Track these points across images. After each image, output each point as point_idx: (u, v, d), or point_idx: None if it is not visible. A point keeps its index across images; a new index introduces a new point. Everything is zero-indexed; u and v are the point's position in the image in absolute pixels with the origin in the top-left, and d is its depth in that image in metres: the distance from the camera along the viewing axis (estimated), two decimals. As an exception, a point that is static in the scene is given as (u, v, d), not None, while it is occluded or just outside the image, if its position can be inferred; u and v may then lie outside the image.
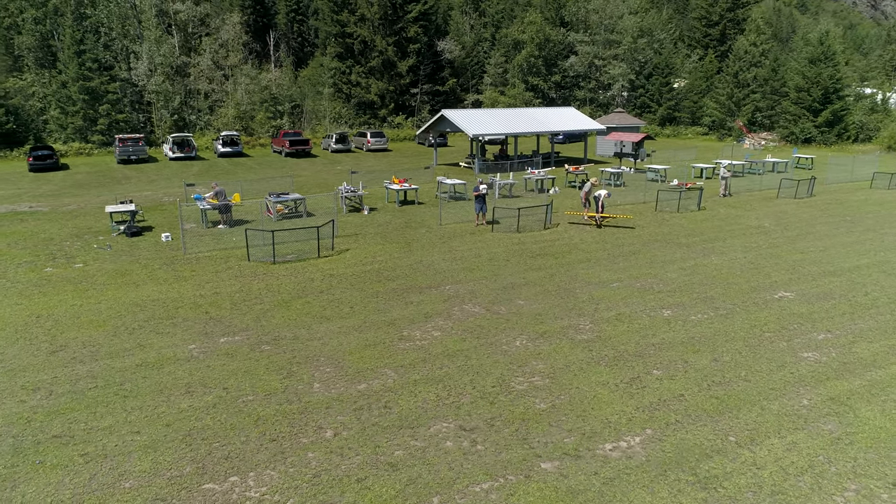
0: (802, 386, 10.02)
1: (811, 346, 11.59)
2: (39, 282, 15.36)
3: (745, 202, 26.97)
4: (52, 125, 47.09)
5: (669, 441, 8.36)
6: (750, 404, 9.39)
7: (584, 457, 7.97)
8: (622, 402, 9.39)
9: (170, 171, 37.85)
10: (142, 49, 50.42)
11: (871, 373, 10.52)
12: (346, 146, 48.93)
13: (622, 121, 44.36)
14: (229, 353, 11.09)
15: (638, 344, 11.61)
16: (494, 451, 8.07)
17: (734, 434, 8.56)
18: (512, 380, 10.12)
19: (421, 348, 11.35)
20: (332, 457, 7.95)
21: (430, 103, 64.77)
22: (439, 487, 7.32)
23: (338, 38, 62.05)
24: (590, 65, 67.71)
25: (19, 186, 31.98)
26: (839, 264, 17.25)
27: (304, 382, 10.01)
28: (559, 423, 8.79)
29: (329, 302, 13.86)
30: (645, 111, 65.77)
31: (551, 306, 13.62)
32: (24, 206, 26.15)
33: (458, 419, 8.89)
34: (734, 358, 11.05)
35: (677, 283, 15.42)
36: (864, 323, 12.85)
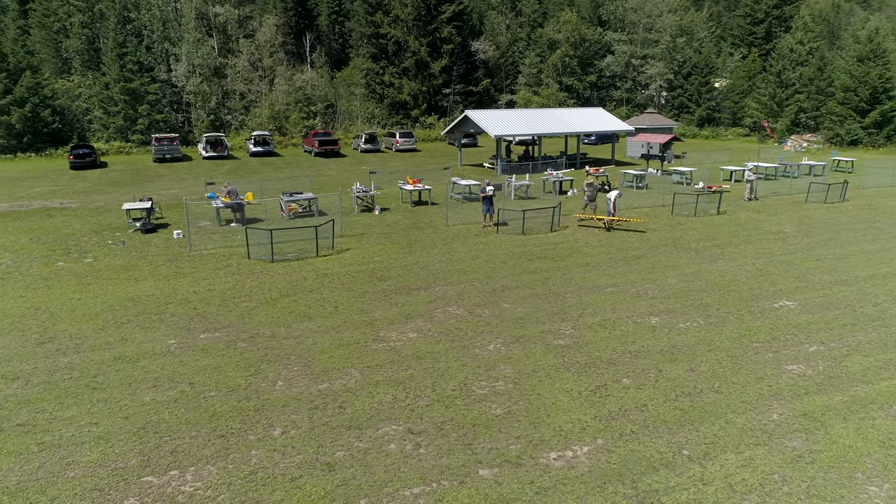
0: (777, 400, 9.60)
1: (799, 359, 11.10)
2: (49, 275, 16.02)
3: (771, 206, 26.00)
4: (95, 125, 49.07)
5: (618, 452, 8.13)
6: (714, 417, 9.05)
7: (524, 465, 7.83)
8: (580, 411, 9.19)
9: (200, 170, 38.94)
10: (181, 51, 52.00)
11: (856, 388, 10.01)
12: (375, 146, 49.40)
13: (653, 122, 43.37)
14: (205, 350, 11.34)
15: (614, 351, 11.34)
16: (436, 456, 8.01)
17: (689, 447, 8.27)
18: (474, 384, 10.03)
19: (392, 350, 11.36)
20: (274, 455, 8.03)
21: (463, 103, 64.73)
22: (370, 490, 7.32)
23: (371, 39, 62.62)
24: (627, 64, 66.47)
25: (57, 183, 33.44)
26: (855, 273, 16.46)
27: (268, 380, 10.15)
28: (509, 429, 8.66)
29: (315, 301, 14.02)
30: (683, 112, 64.19)
31: (536, 310, 13.44)
32: (57, 202, 27.32)
33: (408, 422, 8.86)
34: (712, 368, 10.67)
35: (675, 289, 15.00)
36: (864, 335, 12.23)
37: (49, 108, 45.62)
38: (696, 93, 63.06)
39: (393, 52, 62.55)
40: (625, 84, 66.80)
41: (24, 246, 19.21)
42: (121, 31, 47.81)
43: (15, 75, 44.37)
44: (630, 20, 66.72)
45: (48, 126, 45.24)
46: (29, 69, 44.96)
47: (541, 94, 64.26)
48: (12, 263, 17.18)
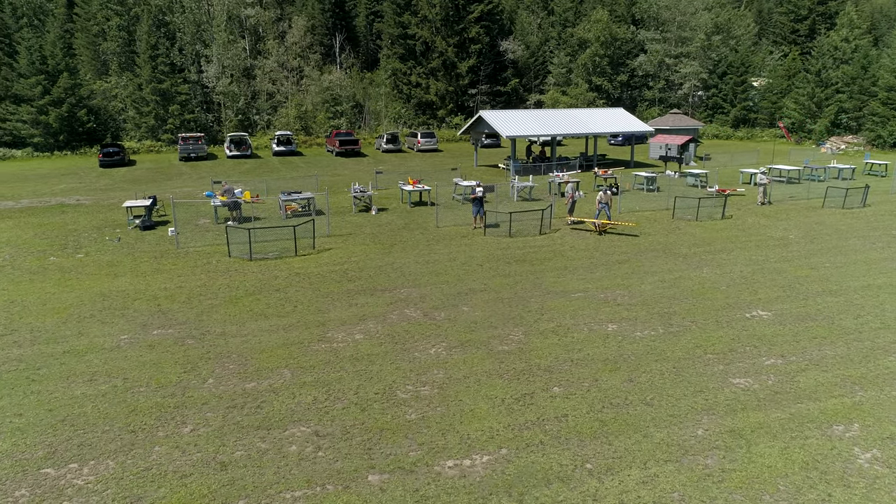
0: (709, 415, 9.20)
1: (750, 372, 10.61)
2: (38, 270, 16.67)
3: (784, 211, 24.99)
4: (128, 124, 50.86)
5: (518, 463, 7.94)
6: (634, 430, 8.74)
7: (417, 472, 7.72)
8: (496, 419, 9.01)
9: (222, 169, 39.88)
10: (212, 53, 53.39)
11: (799, 405, 9.51)
12: (396, 146, 49.65)
13: (677, 122, 42.23)
14: (152, 346, 11.59)
15: (556, 359, 11.08)
16: (331, 460, 7.98)
17: (594, 461, 8.00)
18: (400, 388, 9.95)
19: (333, 351, 11.38)
20: (174, 452, 8.14)
21: (491, 103, 64.44)
22: (252, 491, 7.34)
23: (399, 40, 62.94)
24: (660, 63, 64.93)
25: (81, 181, 34.79)
26: (847, 283, 15.66)
27: (200, 378, 10.30)
28: (416, 435, 8.56)
29: (277, 300, 14.16)
30: (717, 112, 62.36)
31: (493, 314, 13.25)
32: (74, 199, 28.40)
33: (318, 424, 8.85)
34: (652, 379, 10.31)
35: (647, 295, 14.56)
36: (831, 349, 11.62)
37: (85, 108, 47.50)
38: (731, 93, 61.14)
39: (421, 53, 62.74)
40: (657, 84, 65.23)
41: (27, 241, 20.04)
42: (153, 33, 49.37)
43: (54, 77, 46.34)
44: (664, 18, 65.13)
45: (83, 125, 47.11)
46: (67, 71, 46.85)
47: (569, 94, 63.42)
48: (9, 257, 17.94)
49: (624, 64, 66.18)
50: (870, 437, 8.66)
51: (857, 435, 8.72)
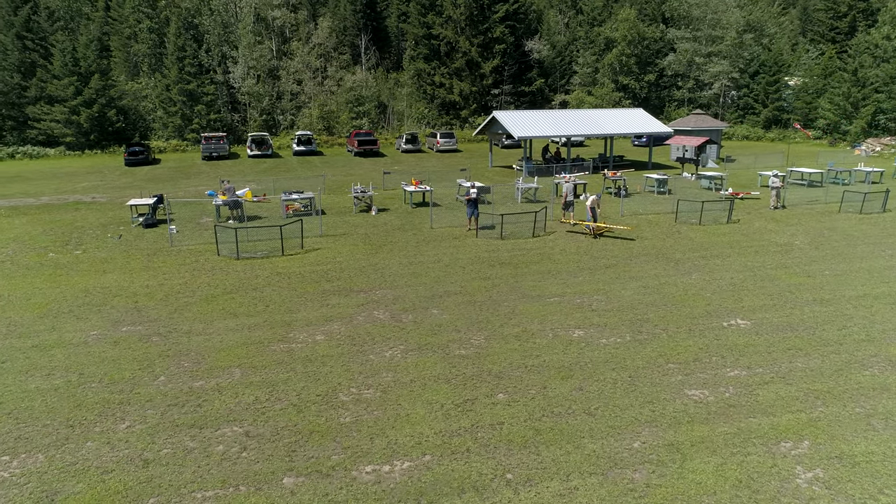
0: (652, 426, 8.92)
1: (708, 384, 10.26)
2: (34, 265, 17.24)
3: (796, 216, 24.13)
4: (156, 124, 52.26)
5: (438, 471, 7.83)
6: (567, 440, 8.53)
7: (333, 476, 7.70)
8: (430, 424, 8.92)
9: (242, 168, 40.64)
10: (238, 54, 54.43)
11: (751, 420, 9.15)
12: (415, 146, 49.80)
13: (699, 123, 41.20)
14: (117, 342, 11.86)
15: (510, 364, 10.91)
16: (252, 461, 8.01)
17: (517, 471, 7.84)
18: (343, 391, 9.94)
19: (289, 351, 11.45)
20: (104, 448, 8.30)
21: (515, 104, 64.06)
22: (167, 489, 7.42)
23: (424, 40, 63.06)
24: (689, 63, 63.49)
25: (104, 179, 35.89)
26: (843, 292, 15.01)
27: (153, 375, 10.48)
28: (343, 439, 8.53)
29: (251, 299, 14.32)
30: (748, 112, 60.66)
31: (461, 318, 13.14)
32: (90, 196, 29.31)
33: (252, 425, 8.91)
34: (603, 389, 10.06)
35: (624, 301, 14.23)
36: (803, 361, 11.15)
37: (114, 108, 48.97)
38: (763, 92, 59.38)
39: (445, 53, 62.73)
40: (686, 84, 63.81)
41: (33, 237, 20.75)
42: (182, 35, 50.59)
43: (86, 78, 47.92)
44: (694, 16, 63.64)
45: (113, 125, 48.62)
46: (98, 72, 48.40)
47: (594, 94, 62.57)
48: (12, 253, 18.60)
49: (652, 63, 64.98)
50: (817, 456, 8.27)
51: (803, 453, 8.34)
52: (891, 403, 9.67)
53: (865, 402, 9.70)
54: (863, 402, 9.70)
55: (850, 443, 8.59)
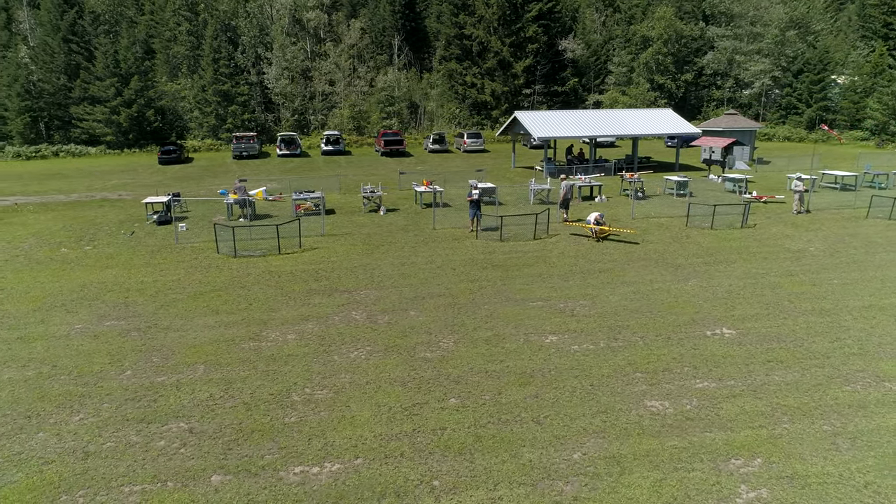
0: (598, 437, 8.68)
1: (672, 395, 9.92)
2: (45, 260, 17.97)
3: (819, 221, 23.11)
4: (192, 124, 53.81)
5: (365, 474, 7.80)
6: (506, 449, 8.38)
7: (260, 476, 7.76)
8: (371, 427, 8.89)
9: (268, 167, 41.44)
10: (272, 55, 55.55)
11: (706, 434, 8.80)
12: (442, 146, 49.82)
13: (731, 123, 39.89)
14: (97, 336, 12.24)
15: (472, 369, 10.78)
16: (188, 457, 8.14)
17: (444, 478, 7.74)
18: (297, 391, 10.01)
19: (257, 350, 11.60)
20: (53, 439, 8.57)
21: (547, 104, 63.38)
22: (99, 482, 7.61)
23: (456, 40, 63.02)
24: (730, 61, 61.57)
25: (135, 177, 37.15)
26: (846, 302, 14.30)
27: (120, 369, 10.77)
28: (282, 439, 8.58)
29: (237, 297, 14.58)
30: (790, 112, 58.39)
31: (436, 320, 13.06)
32: (116, 194, 30.38)
33: (199, 421, 9.05)
34: (559, 396, 9.84)
35: (609, 307, 13.90)
36: (781, 375, 10.67)
37: (153, 108, 50.64)
38: (807, 92, 57.05)
39: (477, 53, 62.52)
40: (726, 83, 61.89)
41: (53, 232, 21.63)
42: (217, 38, 51.94)
43: (126, 79, 49.70)
44: (735, 13, 61.66)
45: (151, 125, 50.26)
46: (137, 74, 50.14)
47: (629, 93, 61.34)
48: (28, 247, 19.44)
49: (691, 62, 63.27)
50: (766, 475, 7.89)
51: (752, 471, 7.97)
52: (864, 422, 9.15)
53: (837, 420, 9.21)
54: (834, 420, 9.21)
55: (806, 462, 8.16)
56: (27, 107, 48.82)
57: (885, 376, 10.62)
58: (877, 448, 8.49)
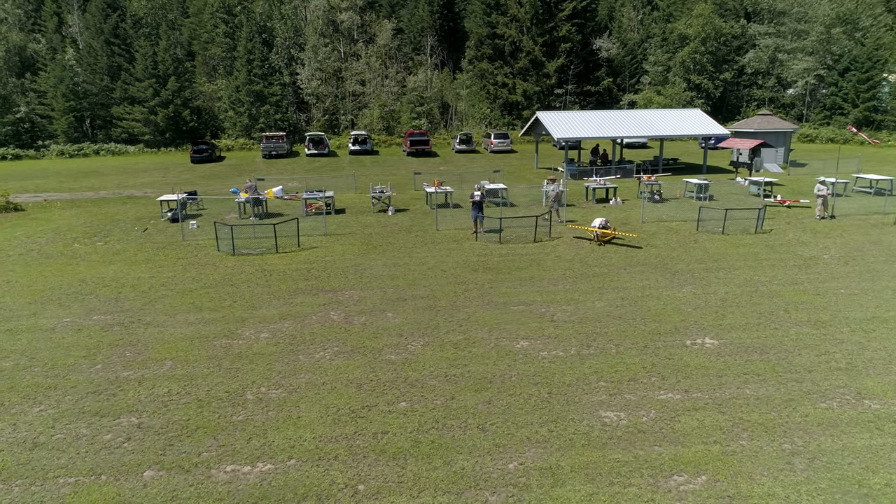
0: (540, 447, 8.48)
1: (631, 406, 9.62)
2: (55, 254, 18.70)
3: (842, 227, 22.09)
4: (227, 123, 55.18)
5: (294, 475, 7.82)
6: (442, 455, 8.27)
7: (191, 473, 7.87)
8: (314, 429, 8.91)
9: (294, 166, 42.16)
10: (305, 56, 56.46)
11: (654, 448, 8.49)
12: (469, 147, 49.75)
13: (764, 124, 38.48)
14: (80, 329, 12.65)
15: (432, 373, 10.70)
16: (129, 451, 8.32)
17: (371, 482, 7.70)
18: (253, 389, 10.12)
19: (227, 347, 11.78)
20: (8, 429, 8.90)
21: (580, 104, 62.55)
22: (38, 472, 7.85)
23: (488, 40, 62.79)
24: (771, 59, 59.47)
25: (165, 175, 38.32)
26: (848, 314, 13.62)
27: (92, 363, 11.11)
28: (224, 437, 8.69)
29: (224, 294, 14.85)
30: (835, 113, 55.99)
31: (411, 322, 13.02)
32: (143, 191, 31.38)
33: (150, 416, 9.25)
34: (513, 403, 9.67)
35: (592, 313, 13.59)
36: (755, 388, 10.22)
37: (189, 108, 52.15)
38: (854, 91, 54.61)
39: (509, 53, 62.15)
40: (767, 82, 59.78)
41: (72, 228, 22.50)
42: (252, 39, 53.11)
43: (164, 80, 51.33)
44: (779, 9, 59.50)
45: (186, 124, 51.77)
46: (174, 75, 51.71)
47: (664, 93, 59.92)
48: (44, 242, 20.27)
49: (730, 60, 61.35)
50: (707, 493, 7.56)
51: (693, 489, 7.65)
52: (828, 442, 8.67)
53: (800, 438, 8.76)
54: (797, 438, 8.76)
55: (753, 482, 7.78)
56: (71, 107, 50.95)
57: (868, 393, 10.04)
58: (835, 470, 8.02)
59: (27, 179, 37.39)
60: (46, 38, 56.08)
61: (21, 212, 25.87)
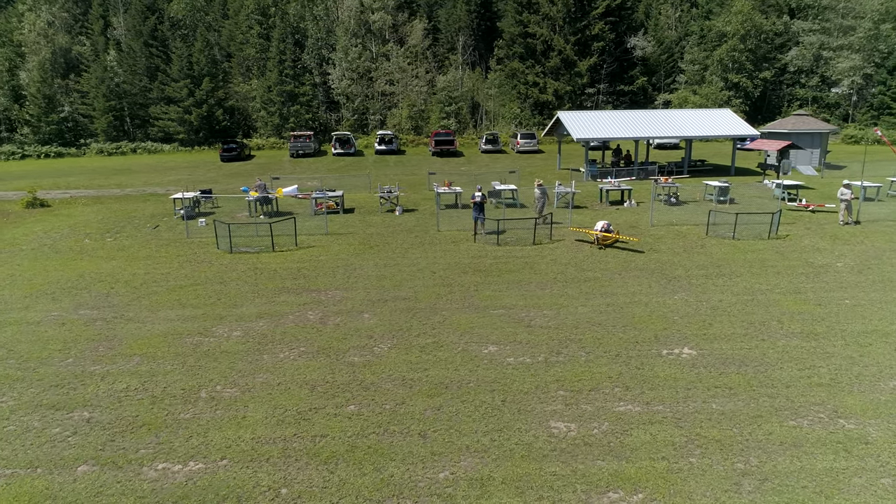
0: (477, 457, 8.28)
1: (584, 417, 9.30)
2: (64, 249, 19.35)
3: (865, 234, 20.99)
4: (259, 122, 56.26)
5: (221, 476, 7.83)
6: (374, 461, 8.15)
7: (123, 470, 7.96)
8: (256, 430, 8.91)
9: (318, 166, 42.62)
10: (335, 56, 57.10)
11: (596, 462, 8.19)
12: (496, 147, 49.39)
13: (798, 125, 36.93)
14: (64, 323, 13.02)
15: (389, 376, 10.58)
16: (70, 446, 8.48)
17: (295, 486, 7.64)
18: (209, 388, 10.20)
19: (197, 345, 11.93)
20: (-34, 419, 9.18)
21: (613, 103, 61.36)
22: (-22, 463, 8.08)
23: (519, 39, 62.21)
24: (815, 57, 57.09)
25: (192, 174, 39.28)
26: (844, 326, 12.90)
27: (64, 356, 11.41)
28: (165, 434, 8.77)
29: (210, 292, 15.07)
30: (883, 113, 53.37)
31: (385, 324, 12.94)
32: (164, 189, 32.21)
33: (103, 411, 9.42)
34: (462, 410, 9.47)
35: (572, 319, 13.24)
36: (722, 403, 9.76)
37: (222, 108, 53.37)
38: (903, 90, 51.96)
39: (541, 52, 61.42)
40: (810, 81, 57.42)
41: (88, 224, 23.26)
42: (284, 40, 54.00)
43: (198, 81, 52.67)
44: (825, 5, 57.05)
45: (219, 124, 52.99)
46: (208, 75, 53.00)
47: (699, 93, 58.20)
48: (58, 237, 21.00)
49: (772, 59, 59.16)
50: (638, 513, 7.22)
51: (625, 507, 7.32)
52: (786, 463, 8.19)
53: (756, 458, 8.30)
54: (752, 458, 8.30)
55: (692, 502, 7.41)
56: (111, 106, 52.80)
57: (845, 412, 9.45)
58: (784, 493, 7.56)
59: (63, 177, 38.89)
60: (92, 41, 58.24)
61: (47, 208, 26.88)
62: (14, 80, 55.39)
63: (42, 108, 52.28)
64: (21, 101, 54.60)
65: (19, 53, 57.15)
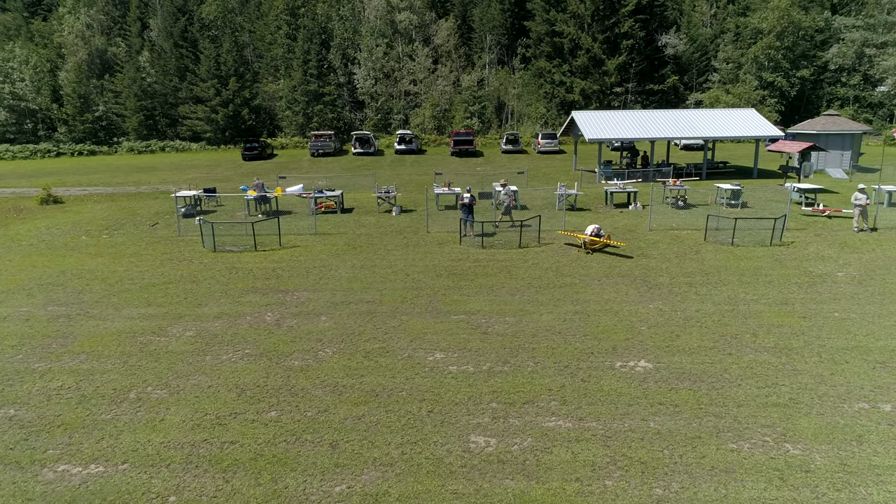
0: (382, 471, 7.98)
1: (508, 432, 8.90)
2: (59, 246, 19.83)
3: (878, 241, 19.80)
4: (284, 122, 56.98)
5: (116, 479, 7.74)
6: (274, 471, 7.93)
7: (24, 470, 7.96)
8: (168, 434, 8.82)
9: (334, 166, 42.87)
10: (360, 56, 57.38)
11: (504, 482, 7.80)
12: (516, 147, 48.87)
13: (829, 125, 35.23)
14: (28, 319, 13.26)
15: (322, 382, 10.37)
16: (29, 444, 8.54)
17: (183, 495, 7.49)
18: (141, 389, 10.18)
19: (146, 344, 11.97)
20: None
21: (642, 103, 59.90)
22: None
23: (546, 37, 61.33)
24: (858, 55, 54.50)
25: (211, 172, 39.98)
26: (823, 341, 12.09)
27: (16, 353, 11.58)
28: (79, 435, 8.75)
29: (179, 291, 15.16)
30: (928, 113, 50.53)
31: (340, 328, 12.75)
32: (176, 187, 32.82)
33: (29, 409, 9.47)
34: (382, 420, 9.19)
35: (533, 327, 12.79)
36: (660, 421, 9.21)
37: (248, 107, 54.24)
38: (952, 89, 49.04)
39: (568, 51, 60.42)
40: (851, 79, 54.84)
41: (91, 220, 23.83)
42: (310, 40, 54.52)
43: (225, 81, 53.66)
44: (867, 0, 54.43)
45: (245, 123, 53.86)
46: (235, 75, 53.94)
47: (732, 92, 56.25)
48: (57, 234, 21.56)
49: (811, 56, 56.73)
50: (530, 539, 6.80)
51: (518, 532, 6.91)
52: (709, 491, 7.62)
53: (678, 483, 7.76)
54: (675, 483, 7.77)
55: (591, 530, 6.93)
56: (142, 106, 54.25)
57: (794, 436, 8.78)
58: (695, 524, 7.01)
59: (88, 174, 40.13)
60: (127, 42, 60.00)
61: (59, 204, 27.69)
62: (54, 80, 57.52)
63: (77, 107, 54.14)
64: (60, 102, 56.65)
65: (60, 55, 59.32)
